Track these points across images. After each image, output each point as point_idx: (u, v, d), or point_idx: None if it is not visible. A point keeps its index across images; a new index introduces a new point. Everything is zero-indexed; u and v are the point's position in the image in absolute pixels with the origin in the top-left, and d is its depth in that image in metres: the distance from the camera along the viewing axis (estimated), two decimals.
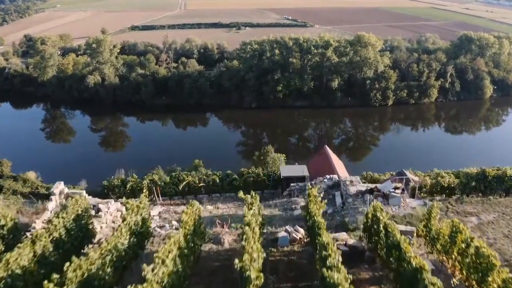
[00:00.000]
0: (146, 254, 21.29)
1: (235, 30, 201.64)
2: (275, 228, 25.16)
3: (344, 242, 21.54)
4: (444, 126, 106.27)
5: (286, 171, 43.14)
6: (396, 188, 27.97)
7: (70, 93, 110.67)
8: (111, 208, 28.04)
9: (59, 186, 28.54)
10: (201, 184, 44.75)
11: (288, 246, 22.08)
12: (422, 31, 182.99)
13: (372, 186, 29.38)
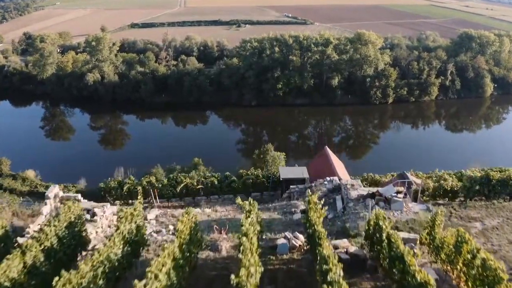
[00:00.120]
0: (142, 261, 20.75)
1: (235, 28, 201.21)
2: (274, 234, 24.57)
3: (345, 250, 20.95)
4: (444, 124, 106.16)
5: (285, 173, 42.47)
6: (398, 192, 27.45)
7: (70, 91, 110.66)
8: (107, 212, 27.47)
9: (54, 190, 27.94)
10: (199, 186, 44.18)
11: (287, 253, 21.50)
12: (422, 29, 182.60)
13: (373, 190, 28.76)
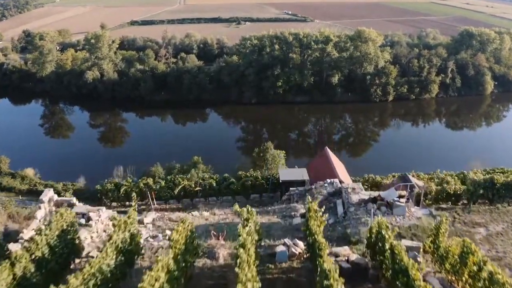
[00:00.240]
0: (137, 269, 20.16)
1: (235, 25, 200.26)
2: (273, 240, 23.93)
3: (346, 258, 20.33)
4: (444, 122, 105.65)
5: (285, 175, 41.78)
6: (400, 196, 26.79)
7: (69, 88, 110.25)
8: (102, 216, 26.79)
9: (49, 194, 27.31)
10: (197, 188, 43.54)
11: (286, 262, 20.87)
12: (422, 26, 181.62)
13: (375, 194, 28.06)
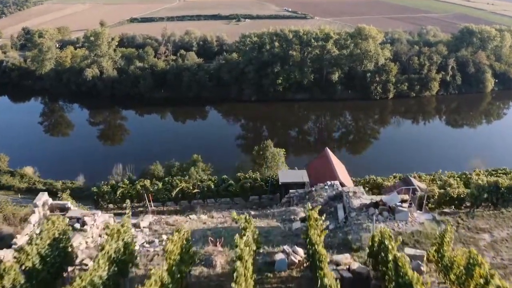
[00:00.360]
0: (132, 278, 19.61)
1: (235, 22, 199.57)
2: (272, 247, 23.31)
3: (347, 267, 19.75)
4: (445, 120, 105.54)
5: (284, 177, 41.15)
6: (403, 201, 26.18)
7: (68, 86, 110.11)
8: (98, 220, 26.10)
9: (43, 198, 26.60)
10: (195, 190, 42.94)
11: (285, 270, 20.28)
12: (423, 23, 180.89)
13: (377, 199, 27.43)
